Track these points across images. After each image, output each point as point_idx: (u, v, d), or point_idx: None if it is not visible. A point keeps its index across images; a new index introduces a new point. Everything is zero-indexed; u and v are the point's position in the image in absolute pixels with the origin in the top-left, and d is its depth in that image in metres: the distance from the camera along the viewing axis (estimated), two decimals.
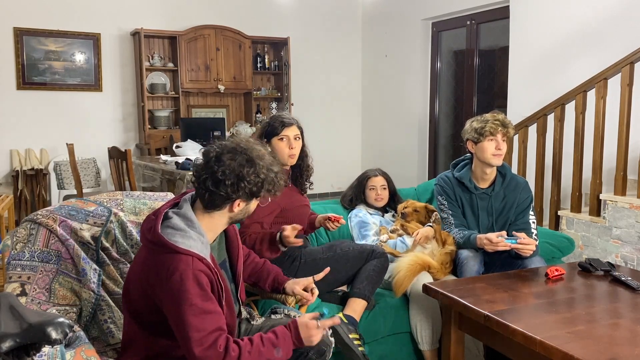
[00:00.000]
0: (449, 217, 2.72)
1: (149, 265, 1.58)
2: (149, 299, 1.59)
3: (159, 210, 1.65)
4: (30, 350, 1.21)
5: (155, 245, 1.57)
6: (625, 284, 2.17)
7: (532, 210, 2.70)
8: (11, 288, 1.82)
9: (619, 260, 3.64)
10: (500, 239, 2.43)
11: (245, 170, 1.62)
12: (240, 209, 1.68)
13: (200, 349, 1.49)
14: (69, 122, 6.00)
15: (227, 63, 6.55)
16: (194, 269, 1.53)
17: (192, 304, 1.50)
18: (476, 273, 2.50)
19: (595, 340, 1.69)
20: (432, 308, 2.42)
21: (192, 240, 1.57)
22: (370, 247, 2.45)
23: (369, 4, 7.32)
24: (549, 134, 4.22)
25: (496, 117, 2.62)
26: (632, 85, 3.62)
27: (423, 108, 6.61)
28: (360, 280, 2.39)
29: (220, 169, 1.60)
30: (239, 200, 1.65)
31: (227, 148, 1.65)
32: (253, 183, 1.63)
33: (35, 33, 5.78)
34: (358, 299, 2.36)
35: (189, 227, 1.60)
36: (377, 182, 3.04)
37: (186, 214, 1.63)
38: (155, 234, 1.57)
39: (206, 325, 1.51)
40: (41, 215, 1.97)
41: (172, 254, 1.54)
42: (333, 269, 2.38)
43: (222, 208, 1.66)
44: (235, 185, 1.61)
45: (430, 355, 2.46)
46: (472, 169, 2.73)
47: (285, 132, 2.39)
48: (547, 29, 4.87)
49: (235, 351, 1.53)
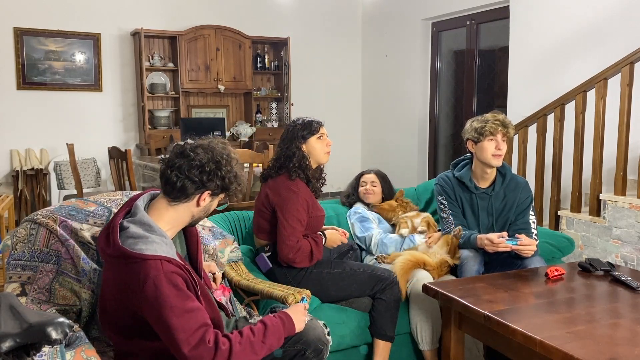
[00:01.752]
0: (449, 217, 2.72)
1: (118, 280, 1.55)
2: (130, 312, 1.55)
3: (112, 224, 1.59)
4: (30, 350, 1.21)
5: (119, 259, 1.53)
6: (625, 284, 2.17)
7: (532, 210, 2.70)
8: (11, 288, 1.82)
9: (619, 260, 3.64)
10: (501, 239, 2.43)
11: (223, 161, 1.65)
12: (205, 205, 1.68)
13: (189, 348, 1.47)
14: (69, 122, 6.00)
15: (227, 63, 6.55)
16: (165, 271, 1.50)
17: (172, 306, 1.48)
18: (476, 273, 2.50)
19: (595, 340, 1.69)
20: (432, 308, 2.42)
21: (156, 244, 1.54)
22: (380, 274, 2.42)
23: (369, 4, 7.32)
24: (549, 134, 4.22)
25: (496, 117, 2.62)
26: (632, 85, 3.62)
27: (423, 108, 6.61)
28: (384, 322, 2.40)
29: (197, 157, 1.62)
30: (209, 191, 1.65)
31: (203, 144, 1.68)
32: (227, 176, 1.65)
33: (35, 33, 5.78)
34: (386, 342, 2.41)
35: (148, 231, 1.56)
36: (368, 179, 3.12)
37: (142, 220, 1.59)
38: (116, 247, 1.53)
39: (190, 324, 1.49)
40: (41, 215, 1.97)
41: (139, 262, 1.50)
42: (338, 286, 2.41)
43: (190, 199, 1.64)
44: (211, 174, 1.63)
45: (430, 355, 2.46)
46: (472, 168, 2.73)
47: (322, 131, 2.49)
48: (547, 29, 4.87)
49: (226, 344, 1.51)
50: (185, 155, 1.62)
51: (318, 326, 1.88)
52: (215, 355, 1.49)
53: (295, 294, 2.10)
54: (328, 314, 2.35)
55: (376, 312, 2.41)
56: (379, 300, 2.40)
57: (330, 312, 2.38)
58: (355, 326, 2.40)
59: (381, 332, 2.40)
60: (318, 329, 1.86)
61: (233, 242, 2.47)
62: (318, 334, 1.84)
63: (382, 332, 2.40)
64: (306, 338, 1.81)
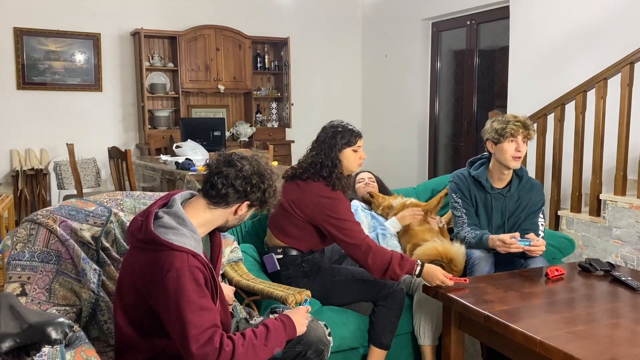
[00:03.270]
0: (462, 215, 2.69)
1: (142, 265, 1.58)
2: (144, 301, 1.58)
3: (148, 211, 1.65)
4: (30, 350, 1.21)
5: (148, 244, 1.56)
6: (625, 284, 2.17)
7: (542, 213, 2.69)
8: (11, 288, 1.82)
9: (619, 260, 3.63)
10: (513, 240, 2.42)
11: (267, 175, 1.70)
12: (241, 214, 1.72)
13: (197, 346, 1.49)
14: (69, 122, 5.99)
15: (227, 63, 6.54)
16: (190, 265, 1.53)
17: (190, 300, 1.50)
18: (487, 274, 2.48)
19: (595, 340, 1.69)
20: (437, 304, 2.41)
21: (185, 238, 1.57)
22: (384, 282, 2.39)
23: (369, 4, 7.32)
24: (549, 134, 4.22)
25: (517, 119, 2.58)
26: (632, 85, 3.62)
27: (423, 108, 6.61)
28: (382, 329, 2.38)
29: (243, 168, 1.66)
30: (248, 202, 1.69)
31: (247, 156, 1.72)
32: (268, 190, 1.70)
33: (35, 33, 5.77)
34: (381, 350, 2.38)
35: (180, 225, 1.60)
36: (365, 175, 3.19)
37: (177, 213, 1.63)
38: (148, 231, 1.57)
39: (203, 322, 1.51)
40: (41, 215, 1.97)
41: (166, 251, 1.54)
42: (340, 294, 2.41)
43: (229, 206, 1.68)
44: (255, 186, 1.67)
45: (428, 351, 2.46)
46: (490, 168, 2.70)
47: (359, 144, 2.44)
48: (547, 29, 4.87)
49: (229, 346, 1.53)
50: (233, 165, 1.67)
51: (319, 327, 1.88)
52: (219, 356, 1.50)
53: (296, 294, 2.10)
54: (329, 315, 2.35)
55: (375, 318, 2.39)
56: (380, 307, 2.39)
57: (331, 313, 2.38)
58: (355, 328, 2.40)
59: (377, 340, 2.38)
60: (319, 330, 1.86)
61: (233, 242, 2.47)
62: (319, 334, 1.84)
63: (378, 339, 2.38)
64: (307, 339, 1.81)
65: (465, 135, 6.09)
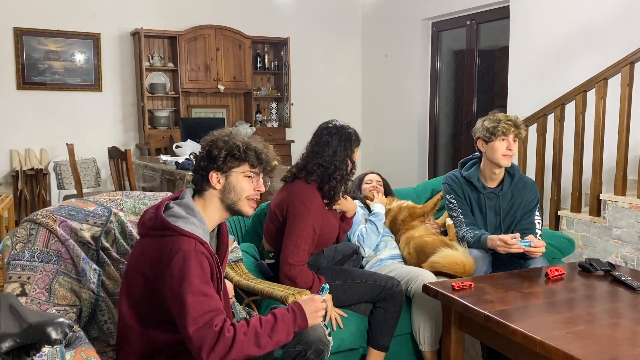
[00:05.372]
0: (459, 215, 2.70)
1: (151, 251, 1.61)
2: (150, 288, 1.59)
3: (160, 202, 1.71)
4: (30, 350, 1.21)
5: (158, 230, 1.60)
6: (625, 284, 2.17)
7: (538, 211, 2.69)
8: (11, 288, 1.82)
9: (619, 260, 3.63)
10: (514, 240, 2.41)
11: (218, 142, 1.71)
12: (221, 185, 1.70)
13: (195, 328, 1.48)
14: (69, 122, 5.99)
15: (227, 63, 6.54)
16: (197, 250, 1.56)
17: (192, 282, 1.51)
18: (484, 274, 2.48)
19: (595, 340, 1.69)
20: (435, 309, 2.42)
21: (194, 226, 1.61)
22: (383, 284, 2.39)
23: (369, 4, 7.31)
24: (549, 134, 4.22)
25: (509, 118, 2.60)
26: (632, 85, 3.62)
27: (423, 108, 6.61)
28: (381, 331, 2.38)
29: (206, 139, 1.75)
30: (213, 172, 1.69)
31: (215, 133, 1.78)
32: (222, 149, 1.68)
33: (35, 33, 5.77)
34: (380, 352, 2.38)
35: (190, 214, 1.64)
36: (374, 177, 3.18)
37: (187, 204, 1.68)
38: (159, 218, 1.61)
39: (203, 306, 1.51)
40: (41, 215, 1.97)
41: (175, 236, 1.57)
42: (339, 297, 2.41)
43: (205, 187, 1.72)
44: (208, 156, 1.70)
45: (430, 356, 2.46)
46: (481, 168, 2.71)
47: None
48: (547, 29, 4.87)
49: (230, 332, 1.51)
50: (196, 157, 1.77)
51: (319, 327, 1.88)
52: (218, 340, 1.49)
53: (296, 294, 2.10)
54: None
55: (374, 319, 2.39)
56: (379, 309, 2.39)
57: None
58: (355, 329, 2.40)
59: (376, 342, 2.38)
60: (319, 330, 1.86)
61: (233, 242, 2.46)
62: (319, 334, 1.84)
63: (377, 341, 2.38)
64: (307, 339, 1.80)
65: (465, 135, 6.08)
